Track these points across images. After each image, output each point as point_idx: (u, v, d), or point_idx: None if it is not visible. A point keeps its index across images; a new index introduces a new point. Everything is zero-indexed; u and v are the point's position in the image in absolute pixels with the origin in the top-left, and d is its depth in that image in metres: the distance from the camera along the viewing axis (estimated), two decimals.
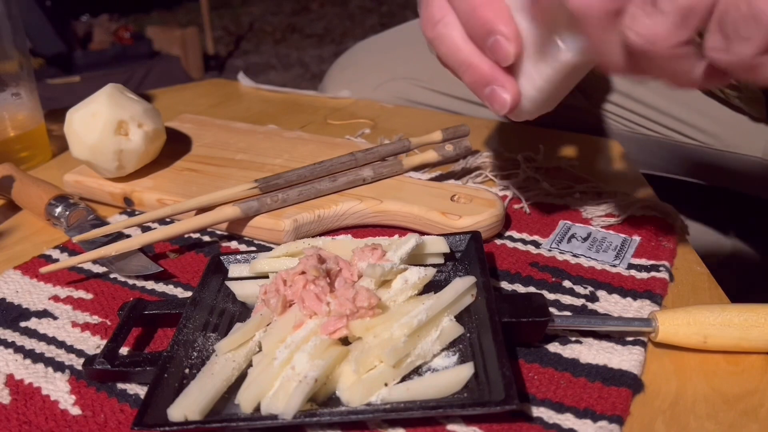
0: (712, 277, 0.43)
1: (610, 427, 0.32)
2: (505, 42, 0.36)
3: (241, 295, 0.41)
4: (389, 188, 0.51)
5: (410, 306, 0.36)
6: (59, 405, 0.35)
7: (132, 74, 2.74)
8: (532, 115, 0.40)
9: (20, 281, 0.46)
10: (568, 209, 0.52)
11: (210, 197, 0.51)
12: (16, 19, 0.60)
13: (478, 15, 0.36)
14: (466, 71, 0.39)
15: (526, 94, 0.38)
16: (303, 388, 0.31)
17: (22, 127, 0.64)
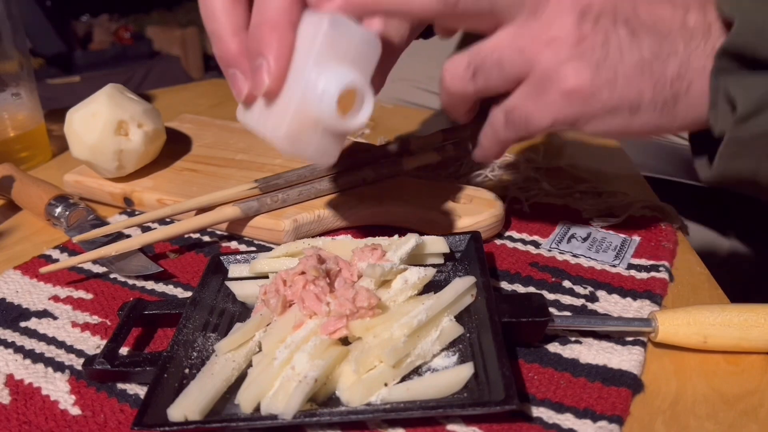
0: (712, 277, 0.43)
1: (610, 427, 0.32)
2: (265, 76, 0.34)
3: (241, 295, 0.41)
4: (389, 188, 0.51)
5: (410, 306, 0.36)
6: (59, 405, 0.35)
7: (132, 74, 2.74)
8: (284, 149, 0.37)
9: (20, 281, 0.46)
10: (568, 209, 0.52)
11: (210, 197, 0.51)
12: (16, 19, 0.60)
13: (261, 28, 0.34)
14: (215, 43, 0.37)
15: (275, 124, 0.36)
16: (303, 388, 0.31)
17: (22, 127, 0.64)
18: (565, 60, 0.34)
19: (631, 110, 0.35)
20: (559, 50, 0.34)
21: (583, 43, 0.34)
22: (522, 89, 0.36)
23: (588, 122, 0.36)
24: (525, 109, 0.36)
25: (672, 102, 0.35)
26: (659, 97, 0.35)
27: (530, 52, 0.35)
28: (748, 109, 0.33)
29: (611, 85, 0.35)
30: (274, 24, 0.34)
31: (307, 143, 0.36)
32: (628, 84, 0.35)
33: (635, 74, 0.34)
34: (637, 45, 0.34)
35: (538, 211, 0.52)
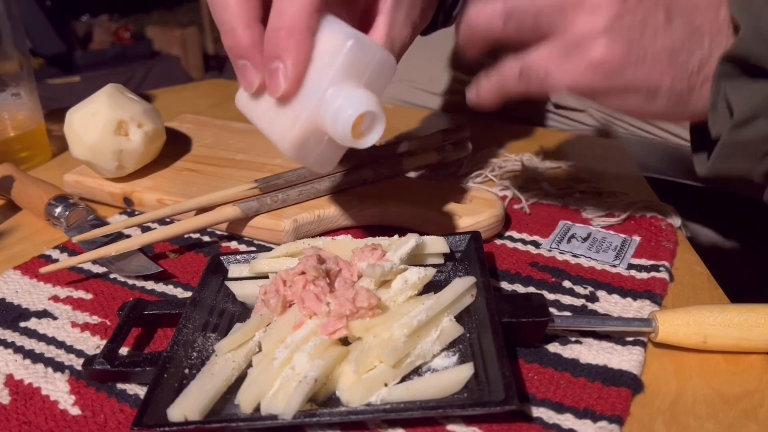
0: (712, 277, 0.43)
1: (610, 427, 0.32)
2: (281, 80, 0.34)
3: (241, 295, 0.41)
4: (389, 188, 0.51)
5: (410, 306, 0.36)
6: (59, 405, 0.35)
7: (132, 74, 2.74)
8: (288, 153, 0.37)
9: (20, 281, 0.46)
10: (568, 209, 0.52)
11: (210, 197, 0.51)
12: (16, 19, 0.60)
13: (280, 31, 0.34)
14: (227, 34, 0.36)
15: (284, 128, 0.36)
16: (303, 388, 0.31)
17: (22, 127, 0.64)
18: (602, 30, 0.34)
19: (648, 93, 0.36)
20: (599, 19, 0.34)
21: (623, 18, 0.34)
22: (549, 46, 0.36)
23: (605, 95, 0.37)
24: (546, 67, 0.36)
25: (687, 93, 0.36)
26: (677, 87, 0.36)
27: (570, 13, 0.35)
28: (744, 115, 0.34)
29: (637, 66, 0.35)
30: (293, 29, 0.34)
31: (311, 151, 0.37)
32: (653, 68, 0.35)
33: (662, 60, 0.35)
34: (670, 32, 0.35)
35: (538, 211, 0.52)
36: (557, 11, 0.35)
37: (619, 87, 0.36)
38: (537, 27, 0.36)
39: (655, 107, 0.37)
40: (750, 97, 0.34)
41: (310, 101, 0.35)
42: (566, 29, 0.35)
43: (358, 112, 0.33)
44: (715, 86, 0.34)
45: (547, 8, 0.36)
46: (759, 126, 0.34)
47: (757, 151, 0.35)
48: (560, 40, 0.36)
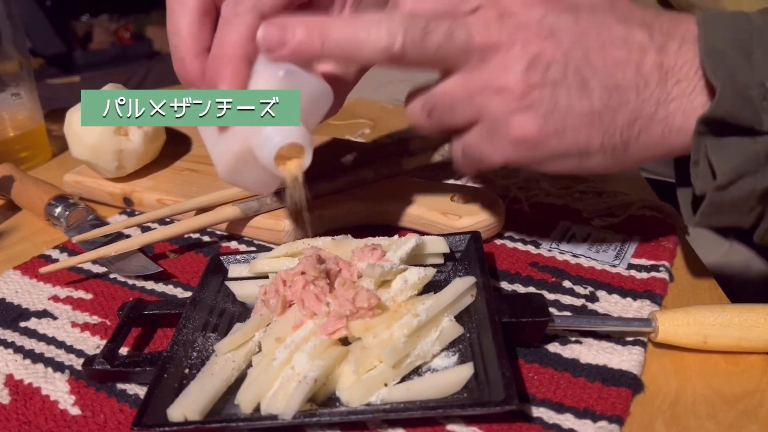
0: (712, 277, 0.43)
1: (610, 427, 0.32)
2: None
3: (241, 295, 0.41)
4: (389, 188, 0.51)
5: (410, 306, 0.36)
6: (59, 405, 0.35)
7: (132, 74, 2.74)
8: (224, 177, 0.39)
9: (20, 281, 0.46)
10: (568, 209, 0.52)
11: (210, 197, 0.51)
12: (16, 19, 0.60)
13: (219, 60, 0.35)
14: (177, 62, 0.39)
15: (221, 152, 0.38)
16: (303, 388, 0.31)
17: (22, 127, 0.64)
18: (514, 110, 0.34)
19: (580, 155, 0.36)
20: (508, 100, 0.34)
21: (532, 93, 0.34)
22: (475, 130, 0.37)
23: (539, 165, 0.37)
24: (478, 148, 0.37)
25: (622, 147, 0.35)
26: (608, 144, 0.35)
27: (480, 100, 0.35)
28: (727, 178, 0.33)
29: (559, 134, 0.35)
30: (230, 58, 0.35)
31: (247, 175, 0.39)
32: (577, 133, 0.35)
33: (584, 124, 0.34)
34: (587, 95, 0.34)
35: (538, 211, 0.52)
36: (467, 100, 0.35)
37: (549, 156, 0.36)
38: (457, 118, 0.37)
39: (593, 165, 0.36)
40: (731, 157, 0.33)
41: (242, 130, 0.36)
42: (482, 114, 0.35)
43: (283, 141, 0.35)
44: (696, 143, 0.34)
45: (458, 99, 0.36)
46: (743, 186, 0.34)
47: (743, 207, 0.35)
48: (482, 123, 0.36)
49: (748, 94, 0.32)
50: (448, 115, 0.37)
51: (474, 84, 0.35)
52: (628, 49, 0.34)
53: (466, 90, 0.35)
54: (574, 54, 0.33)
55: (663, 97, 0.34)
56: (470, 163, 0.39)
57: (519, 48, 0.33)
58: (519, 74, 0.33)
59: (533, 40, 0.33)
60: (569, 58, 0.33)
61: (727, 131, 0.33)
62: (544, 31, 0.33)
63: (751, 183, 0.33)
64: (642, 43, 0.34)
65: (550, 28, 0.33)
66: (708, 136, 0.33)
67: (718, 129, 0.33)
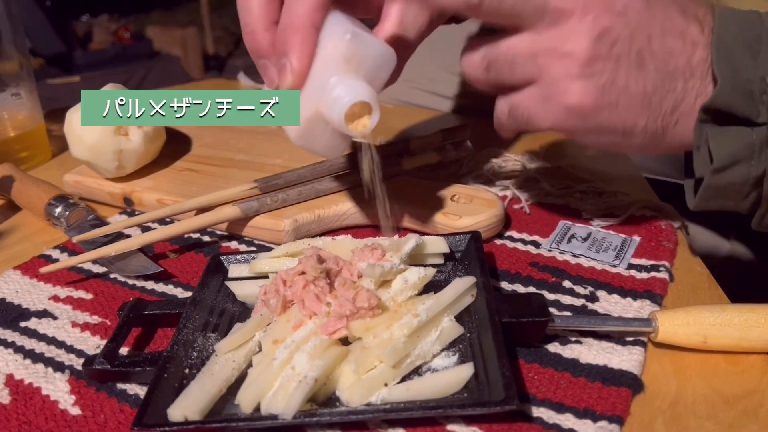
0: (712, 277, 0.43)
1: (610, 427, 0.32)
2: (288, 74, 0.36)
3: (241, 295, 0.41)
4: (389, 188, 0.51)
5: (410, 306, 0.36)
6: (59, 405, 0.35)
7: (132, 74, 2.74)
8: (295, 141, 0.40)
9: (20, 281, 0.46)
10: (568, 209, 0.52)
11: (210, 197, 0.51)
12: (16, 19, 0.60)
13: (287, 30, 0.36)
14: (247, 36, 0.39)
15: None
16: (303, 388, 0.31)
17: (22, 127, 0.64)
18: (575, 76, 0.35)
19: (624, 133, 0.37)
20: (571, 65, 0.35)
21: (595, 64, 0.35)
22: (529, 90, 0.37)
23: (583, 135, 0.38)
24: (528, 109, 0.38)
25: (661, 132, 0.37)
26: (651, 127, 0.37)
27: (543, 61, 0.36)
28: (723, 162, 0.36)
29: (611, 110, 0.36)
30: (298, 27, 0.36)
31: (318, 139, 0.39)
32: (627, 111, 0.36)
33: (635, 104, 0.36)
34: (642, 77, 0.35)
35: (538, 211, 0.52)
36: (530, 59, 0.36)
37: (596, 128, 0.37)
38: (515, 75, 0.37)
39: (631, 145, 0.38)
40: (728, 144, 0.35)
41: (314, 93, 0.37)
42: (542, 75, 0.36)
43: (353, 100, 0.36)
44: (698, 130, 0.36)
45: (521, 57, 0.37)
46: (738, 171, 0.36)
47: (738, 192, 0.37)
48: (539, 84, 0.37)
49: (749, 88, 0.34)
50: (507, 71, 0.37)
51: (541, 44, 0.36)
52: (683, 41, 0.35)
53: (532, 48, 0.36)
54: (639, 35, 0.35)
55: (702, 90, 0.36)
56: (514, 123, 0.39)
57: (592, 18, 0.35)
58: (587, 42, 0.35)
59: (606, 13, 0.35)
60: (634, 39, 0.35)
61: (726, 120, 0.35)
62: (618, 8, 0.35)
63: (746, 169, 0.36)
64: (695, 37, 0.36)
65: (624, 6, 0.35)
66: (709, 124, 0.35)
67: (719, 118, 0.35)
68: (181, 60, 3.22)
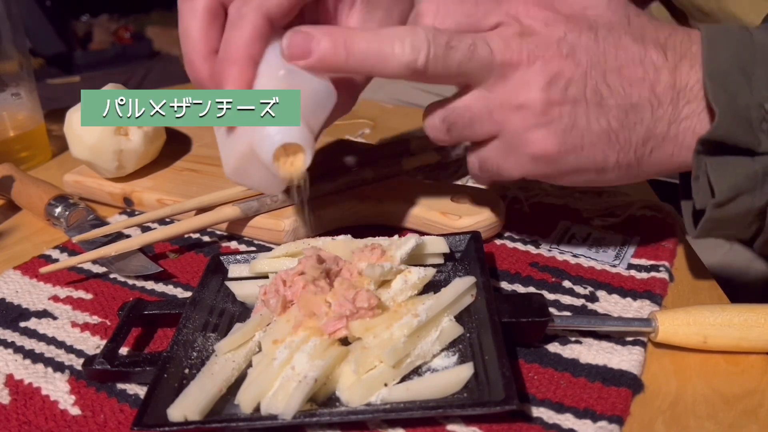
0: (712, 277, 0.43)
1: (610, 427, 0.32)
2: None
3: (241, 295, 0.41)
4: (389, 188, 0.51)
5: (410, 306, 0.36)
6: (59, 405, 0.35)
7: (132, 74, 2.74)
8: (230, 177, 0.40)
9: (20, 281, 0.46)
10: (568, 209, 0.52)
11: (210, 197, 0.51)
12: (16, 19, 0.60)
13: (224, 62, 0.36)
14: (187, 65, 0.39)
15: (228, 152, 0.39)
16: (303, 388, 0.31)
17: (22, 127, 0.64)
18: (533, 126, 0.35)
19: (597, 171, 0.37)
20: (527, 116, 0.35)
21: (551, 110, 0.34)
22: (494, 144, 0.37)
23: (556, 179, 0.38)
24: (496, 162, 0.38)
25: (636, 164, 0.37)
26: (623, 161, 0.36)
27: (500, 116, 0.36)
28: (725, 195, 0.34)
29: (577, 151, 0.36)
30: (235, 59, 0.36)
31: (252, 175, 0.39)
32: (594, 150, 0.36)
33: (601, 142, 0.35)
34: (604, 114, 0.35)
35: (538, 211, 0.52)
36: (487, 116, 0.36)
37: (567, 171, 0.37)
38: (476, 133, 0.37)
39: (607, 180, 0.38)
40: (729, 176, 0.34)
41: (247, 130, 0.36)
42: (502, 129, 0.36)
43: (282, 140, 0.35)
44: (696, 161, 0.35)
45: (477, 115, 0.36)
46: (740, 203, 0.34)
47: (741, 223, 0.36)
48: (501, 138, 0.37)
49: (747, 116, 0.33)
50: (468, 129, 0.37)
51: (494, 100, 0.35)
52: (644, 69, 0.34)
53: (486, 106, 0.36)
54: (592, 73, 0.34)
55: (675, 116, 0.35)
56: (487, 175, 0.40)
57: (540, 65, 0.34)
58: (539, 91, 0.34)
59: (554, 58, 0.34)
60: (588, 78, 0.34)
61: (725, 151, 0.34)
62: (564, 50, 0.34)
63: (749, 201, 0.34)
64: (656, 63, 0.34)
65: (570, 47, 0.34)
66: (707, 156, 0.34)
67: (717, 149, 0.34)
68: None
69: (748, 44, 0.34)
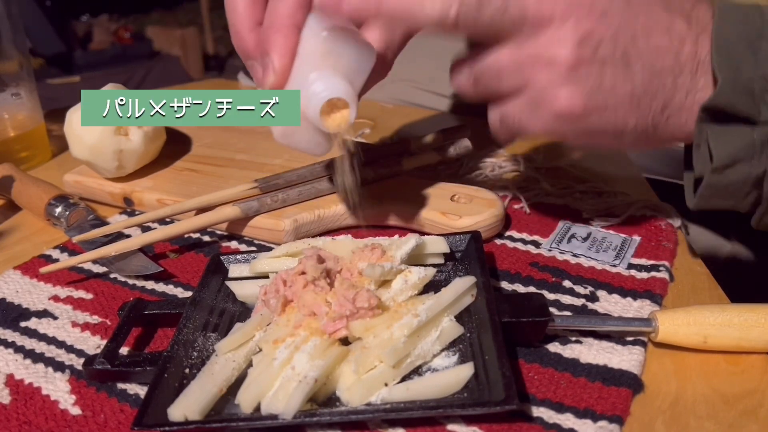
0: (712, 277, 0.43)
1: (610, 427, 0.32)
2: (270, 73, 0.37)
3: (241, 295, 0.41)
4: (389, 188, 0.51)
5: (410, 306, 0.36)
6: (59, 405, 0.35)
7: (132, 74, 2.74)
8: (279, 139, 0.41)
9: (20, 281, 0.46)
10: (568, 209, 0.52)
11: (210, 197, 0.51)
12: (16, 19, 0.60)
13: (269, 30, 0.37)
14: (234, 36, 0.40)
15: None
16: (303, 388, 0.31)
17: (22, 127, 0.64)
18: (561, 83, 0.35)
19: (615, 134, 0.37)
20: (556, 72, 0.35)
21: (580, 68, 0.35)
22: (518, 99, 0.37)
23: (575, 138, 0.38)
24: (518, 117, 0.38)
25: (652, 130, 0.37)
26: (641, 126, 0.37)
27: (528, 70, 0.36)
28: (723, 161, 0.35)
29: (600, 112, 0.36)
30: (279, 26, 0.37)
31: (301, 136, 0.40)
32: (616, 113, 0.36)
33: (624, 105, 0.36)
34: (630, 77, 0.35)
35: (538, 211, 0.52)
36: (515, 70, 0.36)
37: (586, 131, 0.37)
38: (502, 87, 0.37)
39: (623, 143, 0.38)
40: (729, 143, 0.35)
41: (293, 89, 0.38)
42: (529, 84, 0.36)
43: (329, 95, 0.36)
44: (698, 129, 0.36)
45: (506, 69, 0.37)
46: (738, 170, 0.35)
47: (739, 191, 0.37)
48: (527, 93, 0.37)
49: (750, 87, 0.34)
50: (494, 82, 0.38)
51: (524, 55, 0.36)
52: (670, 37, 0.35)
53: (516, 60, 0.36)
54: (623, 36, 0.35)
55: (692, 86, 0.35)
56: (507, 131, 0.40)
57: (572, 23, 0.34)
58: (570, 49, 0.34)
59: (586, 17, 0.34)
60: (618, 40, 0.35)
61: (727, 119, 0.35)
62: (598, 10, 0.34)
63: (747, 168, 0.35)
64: (681, 32, 0.35)
65: (603, 8, 0.35)
66: (708, 123, 0.35)
67: (719, 117, 0.35)
68: (181, 60, 3.22)
69: (757, 20, 0.35)
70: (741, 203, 0.38)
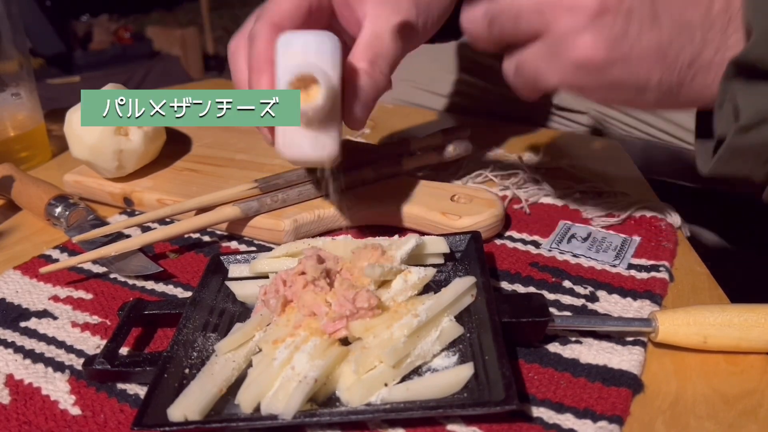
0: (712, 277, 0.43)
1: (610, 427, 0.32)
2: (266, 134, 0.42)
3: (241, 295, 0.41)
4: (389, 188, 0.51)
5: (410, 306, 0.36)
6: (59, 405, 0.35)
7: (132, 74, 2.74)
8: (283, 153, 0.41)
9: (20, 281, 0.46)
10: (568, 209, 0.52)
11: (210, 197, 0.51)
12: (16, 19, 0.60)
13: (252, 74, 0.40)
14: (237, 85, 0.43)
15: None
16: (303, 388, 0.31)
17: (22, 127, 0.64)
18: (583, 29, 0.34)
19: (637, 89, 0.35)
20: (579, 18, 0.33)
21: (605, 15, 0.33)
22: (535, 46, 0.36)
23: (594, 92, 0.36)
24: (535, 66, 0.36)
25: (677, 88, 0.35)
26: (666, 82, 0.35)
27: (549, 14, 0.34)
28: (750, 120, 0.33)
29: (623, 64, 0.34)
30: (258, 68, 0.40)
31: (299, 143, 0.39)
32: (640, 65, 0.34)
33: (649, 57, 0.34)
34: (657, 28, 0.33)
35: (538, 211, 0.52)
36: (535, 12, 0.35)
37: (607, 84, 0.35)
38: (520, 30, 0.36)
39: (645, 101, 0.36)
40: (759, 101, 0.33)
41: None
42: (549, 29, 0.35)
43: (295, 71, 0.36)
44: (723, 86, 0.34)
45: (526, 10, 0.35)
46: (763, 132, 0.33)
47: (760, 154, 0.35)
48: (545, 39, 0.35)
49: None
50: (511, 25, 0.36)
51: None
52: None
53: (536, 2, 0.35)
54: None
55: (722, 43, 0.34)
56: (522, 81, 0.38)
57: None
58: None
59: None
60: None
61: (757, 75, 0.33)
62: None
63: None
64: None
65: None
66: (738, 80, 0.33)
67: (749, 72, 0.33)
68: (181, 60, 3.22)
69: None
70: (759, 170, 0.35)
